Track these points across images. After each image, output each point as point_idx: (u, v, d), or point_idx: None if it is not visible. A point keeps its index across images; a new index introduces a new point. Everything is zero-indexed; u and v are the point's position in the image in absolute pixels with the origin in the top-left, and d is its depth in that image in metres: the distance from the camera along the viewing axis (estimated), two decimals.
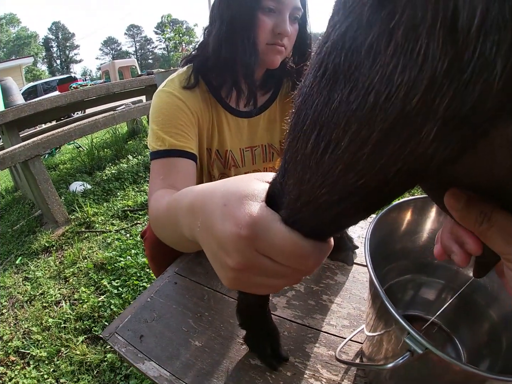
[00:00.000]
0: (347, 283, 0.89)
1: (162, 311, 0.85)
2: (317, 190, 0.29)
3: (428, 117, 0.20)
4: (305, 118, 0.28)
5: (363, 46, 0.21)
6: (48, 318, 1.92)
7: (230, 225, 0.36)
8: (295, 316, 0.80)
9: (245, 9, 0.93)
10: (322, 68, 0.25)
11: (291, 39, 1.00)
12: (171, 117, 0.96)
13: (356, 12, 0.22)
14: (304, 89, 0.28)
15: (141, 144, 5.27)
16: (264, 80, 1.12)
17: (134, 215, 3.04)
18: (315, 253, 0.36)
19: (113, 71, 12.63)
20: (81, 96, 4.44)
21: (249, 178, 0.41)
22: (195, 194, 0.46)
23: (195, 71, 1.02)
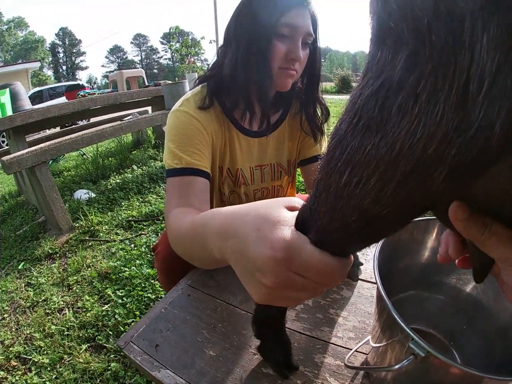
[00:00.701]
0: (353, 298, 0.93)
1: (176, 322, 0.88)
2: (348, 217, 0.34)
3: (439, 164, 0.26)
4: (340, 156, 0.33)
5: (394, 104, 0.27)
6: (51, 325, 1.93)
7: (265, 249, 0.40)
8: (304, 328, 0.84)
9: (261, 34, 0.97)
10: (357, 117, 0.31)
11: (302, 63, 1.04)
12: (188, 136, 1.00)
13: (388, 72, 0.27)
14: (339, 131, 0.33)
15: (146, 155, 5.31)
16: (274, 101, 1.16)
17: (139, 225, 3.06)
18: (341, 269, 0.41)
19: (120, 80, 12.75)
20: (88, 105, 4.48)
21: (278, 205, 0.46)
22: (225, 217, 0.50)
23: (209, 93, 1.06)
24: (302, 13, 0.97)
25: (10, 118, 3.52)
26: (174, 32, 15.90)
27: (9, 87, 5.33)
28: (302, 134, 1.22)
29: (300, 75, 1.09)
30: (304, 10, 0.98)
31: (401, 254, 0.74)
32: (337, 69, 26.70)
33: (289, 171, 1.28)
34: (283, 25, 0.96)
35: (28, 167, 2.90)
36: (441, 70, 0.24)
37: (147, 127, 5.37)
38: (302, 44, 1.01)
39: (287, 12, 0.95)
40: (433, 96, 0.24)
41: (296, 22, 0.96)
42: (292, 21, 0.96)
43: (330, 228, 0.38)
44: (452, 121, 0.24)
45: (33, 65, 20.81)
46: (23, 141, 3.92)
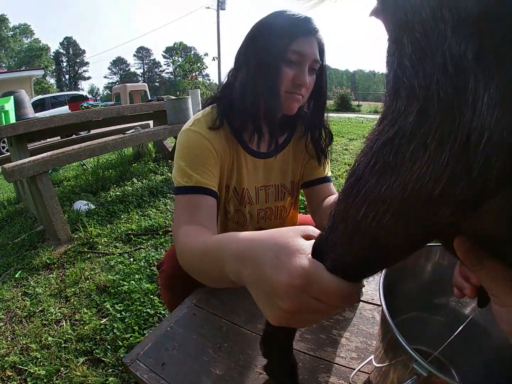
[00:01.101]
0: (355, 319, 0.96)
1: (182, 340, 0.90)
2: (364, 247, 0.39)
3: (445, 202, 0.30)
4: (358, 193, 0.37)
5: (407, 152, 0.31)
6: (47, 336, 1.92)
7: (284, 276, 0.43)
8: (308, 348, 0.86)
9: (270, 59, 1.02)
10: (374, 160, 0.35)
11: (308, 89, 1.09)
12: (198, 155, 1.03)
13: (401, 122, 0.31)
14: (357, 171, 0.37)
15: (146, 168, 5.33)
16: (281, 124, 1.20)
17: (138, 239, 3.07)
18: (355, 293, 0.45)
19: (124, 93, 12.90)
20: (92, 117, 4.55)
21: (295, 234, 0.49)
22: (244, 242, 0.53)
23: (220, 114, 1.10)
24: (309, 41, 1.03)
25: (13, 126, 3.55)
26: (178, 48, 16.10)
27: (14, 94, 5.38)
28: (306, 156, 1.27)
29: (306, 99, 1.13)
30: (312, 38, 1.03)
31: (404, 278, 0.78)
32: (336, 87, 27.04)
33: (293, 192, 1.32)
34: (292, 51, 1.00)
35: (30, 176, 2.93)
36: (447, 124, 0.27)
37: (149, 141, 5.44)
38: (309, 70, 1.06)
39: (295, 39, 1.00)
40: (440, 146, 0.28)
41: (303, 49, 1.01)
42: (300, 49, 1.00)
43: (347, 257, 0.42)
44: (456, 167, 0.28)
45: (37, 73, 20.93)
46: (25, 149, 3.93)
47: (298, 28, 1.02)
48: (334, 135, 1.29)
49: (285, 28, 1.02)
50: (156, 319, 1.98)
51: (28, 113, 5.41)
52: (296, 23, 1.02)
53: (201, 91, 9.59)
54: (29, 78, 18.34)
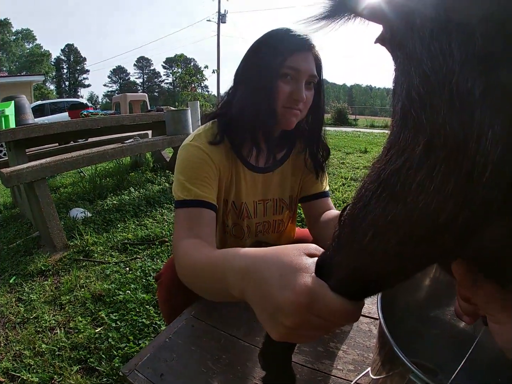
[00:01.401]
0: (352, 332, 0.97)
1: (181, 352, 0.90)
2: (369, 272, 0.41)
3: (449, 230, 0.31)
4: (364, 219, 0.39)
5: (414, 182, 0.32)
6: (41, 343, 1.91)
7: (289, 294, 0.44)
8: (306, 361, 0.87)
9: (267, 76, 1.04)
10: (381, 188, 0.36)
11: (306, 103, 1.10)
12: (198, 170, 1.05)
13: (409, 153, 0.33)
14: (364, 198, 0.39)
15: (144, 177, 5.36)
16: (279, 139, 1.22)
17: (134, 248, 3.07)
18: (357, 311, 0.46)
19: (124, 103, 12.94)
20: (91, 125, 4.54)
21: (299, 252, 0.50)
22: (248, 259, 0.55)
23: (220, 130, 1.12)
24: (305, 57, 1.05)
25: (13, 131, 3.57)
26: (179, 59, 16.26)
27: (15, 99, 5.39)
28: (305, 171, 1.29)
29: (305, 114, 1.14)
30: (307, 53, 1.06)
31: (401, 292, 0.80)
32: (333, 102, 27.36)
33: (291, 206, 1.33)
34: (287, 67, 1.03)
35: (27, 182, 2.94)
36: (452, 157, 0.29)
37: (148, 151, 5.44)
38: (306, 85, 1.08)
39: (290, 55, 1.03)
40: (445, 177, 0.29)
41: (299, 65, 1.03)
42: (295, 64, 1.03)
43: (350, 277, 0.44)
44: (460, 198, 0.29)
45: (37, 78, 21.10)
46: (24, 155, 3.95)
47: (293, 44, 1.04)
48: (331, 149, 1.32)
49: (280, 44, 1.05)
50: (152, 330, 1.97)
51: (28, 119, 5.41)
52: (291, 39, 1.05)
53: (200, 102, 9.68)
54: (29, 83, 18.43)
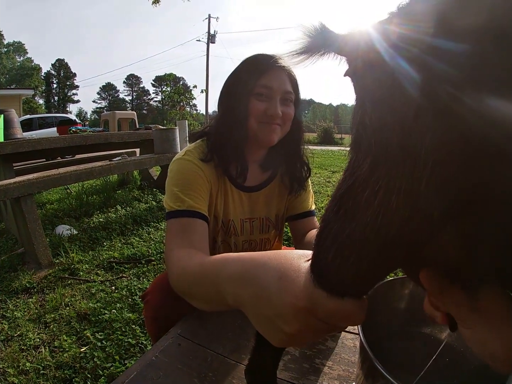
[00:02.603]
0: (337, 348, 0.98)
1: (167, 370, 0.89)
2: (340, 281, 0.43)
3: (398, 244, 0.35)
4: (328, 237, 0.41)
5: (362, 198, 0.35)
6: (25, 362, 1.89)
7: (288, 298, 0.43)
8: (292, 377, 0.87)
9: (241, 97, 1.10)
10: (337, 206, 0.40)
11: (286, 119, 1.15)
12: (191, 181, 1.08)
13: (358, 172, 0.36)
14: (326, 217, 0.43)
15: (130, 195, 5.38)
16: (265, 160, 1.27)
17: (120, 267, 3.06)
18: (359, 311, 0.44)
19: (112, 120, 12.93)
20: (79, 142, 4.57)
21: (298, 256, 0.49)
22: (244, 264, 0.53)
23: (210, 150, 1.17)
24: (277, 74, 1.11)
25: (0, 145, 3.57)
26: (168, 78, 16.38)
27: (4, 113, 5.39)
28: None
29: (287, 130, 1.18)
30: (280, 72, 1.11)
31: (381, 307, 0.81)
32: (320, 121, 27.66)
33: (277, 225, 1.35)
34: (260, 86, 1.09)
35: (14, 197, 2.94)
36: (392, 174, 0.32)
37: (135, 169, 5.47)
38: (282, 101, 1.13)
39: (263, 74, 1.09)
40: (388, 193, 0.32)
41: (271, 82, 1.09)
42: (267, 83, 1.09)
43: (339, 281, 0.44)
44: (404, 212, 0.32)
45: (27, 92, 21.01)
46: (11, 169, 3.95)
47: (266, 64, 1.10)
48: (317, 168, 1.38)
49: (254, 66, 1.12)
50: (138, 349, 1.97)
51: (16, 133, 5.41)
52: (264, 60, 1.11)
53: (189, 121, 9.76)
54: (18, 97, 18.35)
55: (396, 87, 0.31)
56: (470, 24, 0.26)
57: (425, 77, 0.29)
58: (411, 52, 0.30)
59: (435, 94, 0.28)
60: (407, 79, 0.30)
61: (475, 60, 0.26)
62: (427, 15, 0.29)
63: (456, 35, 0.27)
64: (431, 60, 0.28)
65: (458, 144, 0.28)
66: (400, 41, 0.31)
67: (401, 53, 0.31)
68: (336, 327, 0.47)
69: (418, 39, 0.30)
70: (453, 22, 0.28)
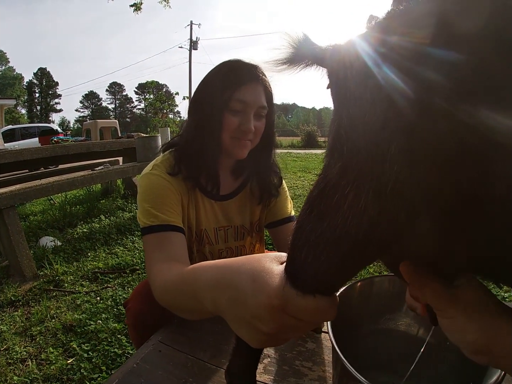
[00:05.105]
0: (316, 349, 0.99)
1: (148, 377, 0.90)
2: (311, 279, 0.44)
3: (367, 243, 0.37)
4: (301, 237, 0.43)
5: (332, 201, 0.37)
6: (13, 376, 1.88)
7: (262, 298, 0.44)
8: (272, 380, 0.89)
9: (213, 109, 1.08)
10: (310, 208, 0.42)
11: (257, 133, 1.14)
12: (161, 196, 1.07)
13: (329, 176, 0.39)
14: (299, 218, 0.44)
15: (114, 205, 5.36)
16: (235, 168, 1.26)
17: (105, 277, 3.06)
18: (330, 307, 0.46)
19: (94, 129, 12.88)
20: (61, 152, 4.55)
21: (270, 259, 0.50)
22: (219, 270, 0.55)
23: (177, 161, 1.15)
24: (254, 88, 1.09)
25: None
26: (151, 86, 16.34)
27: None
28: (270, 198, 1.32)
29: (257, 142, 1.17)
30: (256, 85, 1.09)
31: (354, 308, 0.83)
32: (303, 125, 27.63)
33: (252, 232, 1.35)
34: (235, 100, 1.06)
35: None
36: (361, 179, 0.34)
37: (118, 178, 5.46)
38: (256, 116, 1.11)
39: (238, 88, 1.06)
40: (357, 195, 0.34)
41: (247, 98, 1.07)
42: (243, 97, 1.06)
43: (311, 279, 0.45)
44: (372, 212, 0.34)
45: (9, 102, 20.51)
46: None
47: (242, 76, 1.07)
48: (301, 171, 1.36)
49: (229, 77, 1.08)
50: (124, 359, 1.95)
51: None
52: (240, 71, 1.08)
53: (171, 128, 9.73)
54: (0, 107, 18.03)
55: (369, 100, 0.34)
56: (470, 30, 0.26)
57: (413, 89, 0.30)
58: (399, 63, 0.31)
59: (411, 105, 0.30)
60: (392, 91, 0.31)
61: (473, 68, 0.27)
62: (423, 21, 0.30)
63: (455, 42, 0.28)
64: (422, 71, 0.29)
65: (420, 151, 0.31)
66: (388, 52, 0.33)
67: (386, 65, 0.32)
68: (311, 323, 0.48)
69: (408, 49, 0.31)
70: (453, 28, 0.28)
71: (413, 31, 0.31)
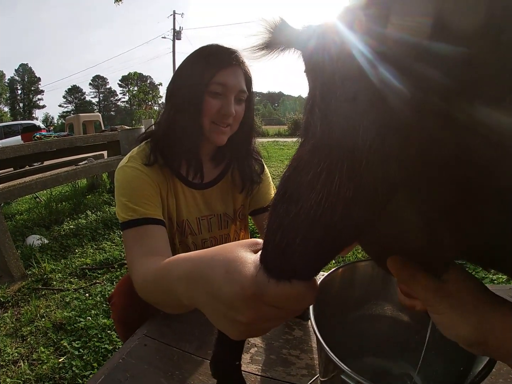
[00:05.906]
0: (304, 336, 0.98)
1: (134, 371, 0.89)
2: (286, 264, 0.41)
3: (344, 225, 0.35)
4: (275, 221, 0.41)
5: (305, 181, 0.36)
6: (5, 378, 1.87)
7: (237, 288, 0.42)
8: (259, 370, 0.87)
9: (194, 92, 1.05)
10: (283, 190, 0.40)
11: (237, 118, 1.12)
12: (138, 189, 1.05)
13: (302, 155, 0.38)
14: (274, 201, 0.42)
15: (100, 199, 5.33)
16: (215, 155, 1.24)
17: (93, 273, 3.05)
18: (308, 292, 0.43)
19: (77, 124, 12.73)
20: (44, 148, 4.52)
21: (243, 247, 0.48)
22: (191, 263, 0.53)
23: (153, 150, 1.12)
24: (234, 72, 1.07)
25: None
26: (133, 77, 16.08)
27: None
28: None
29: (236, 129, 1.15)
30: (236, 69, 1.08)
31: (338, 294, 0.81)
32: (289, 113, 27.59)
33: (236, 220, 1.34)
34: (215, 83, 1.05)
35: None
36: (334, 154, 0.33)
37: (102, 172, 5.40)
38: (236, 100, 1.10)
39: (219, 71, 1.05)
40: (330, 174, 0.33)
41: (227, 80, 1.05)
42: (223, 80, 1.05)
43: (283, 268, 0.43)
44: (348, 192, 0.32)
45: None
46: None
47: (222, 60, 1.06)
48: (288, 159, 1.32)
49: (209, 61, 1.06)
50: None
51: None
52: (220, 55, 1.07)
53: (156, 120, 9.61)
54: None
55: (341, 75, 0.33)
56: (467, 24, 0.26)
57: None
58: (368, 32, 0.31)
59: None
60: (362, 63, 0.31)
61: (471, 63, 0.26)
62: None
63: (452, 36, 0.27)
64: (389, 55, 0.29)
65: (393, 122, 0.30)
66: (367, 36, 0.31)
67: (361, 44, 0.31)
68: (290, 311, 0.46)
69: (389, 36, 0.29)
70: (449, 22, 0.27)
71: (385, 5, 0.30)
